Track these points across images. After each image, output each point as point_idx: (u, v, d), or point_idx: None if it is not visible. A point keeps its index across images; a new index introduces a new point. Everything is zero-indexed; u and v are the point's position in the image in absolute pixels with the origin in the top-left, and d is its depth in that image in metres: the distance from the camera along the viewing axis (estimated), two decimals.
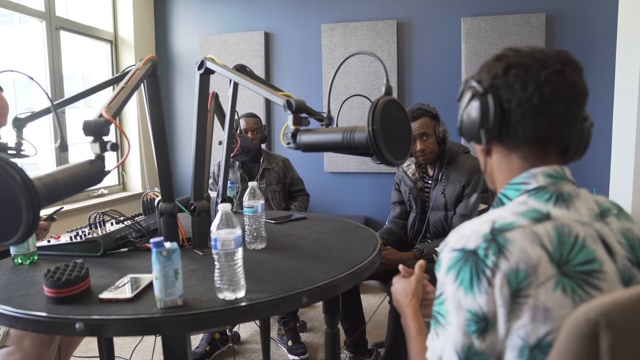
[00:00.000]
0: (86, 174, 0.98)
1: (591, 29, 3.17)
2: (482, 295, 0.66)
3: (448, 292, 0.71)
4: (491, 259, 0.66)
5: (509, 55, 0.77)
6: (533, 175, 0.76)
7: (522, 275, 0.65)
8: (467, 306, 0.68)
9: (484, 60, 0.83)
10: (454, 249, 0.71)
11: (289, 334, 2.41)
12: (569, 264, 0.67)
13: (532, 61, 0.74)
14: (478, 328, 0.67)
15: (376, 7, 3.49)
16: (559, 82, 0.73)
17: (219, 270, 0.96)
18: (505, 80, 0.75)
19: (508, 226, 0.69)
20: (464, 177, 1.92)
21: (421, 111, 1.98)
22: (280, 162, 2.67)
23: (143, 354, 2.37)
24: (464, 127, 0.82)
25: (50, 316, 0.92)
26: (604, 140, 3.19)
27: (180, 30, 3.91)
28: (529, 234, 0.68)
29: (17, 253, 1.30)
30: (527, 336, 0.65)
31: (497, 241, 0.67)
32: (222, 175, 1.49)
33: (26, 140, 1.41)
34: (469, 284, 0.67)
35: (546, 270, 0.65)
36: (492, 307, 0.66)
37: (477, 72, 0.81)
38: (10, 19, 3.27)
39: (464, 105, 0.81)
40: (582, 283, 0.66)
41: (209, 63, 1.34)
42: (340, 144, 1.04)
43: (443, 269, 0.72)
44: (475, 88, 0.78)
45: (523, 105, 0.73)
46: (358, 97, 3.44)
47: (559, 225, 0.69)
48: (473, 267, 0.67)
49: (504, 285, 0.65)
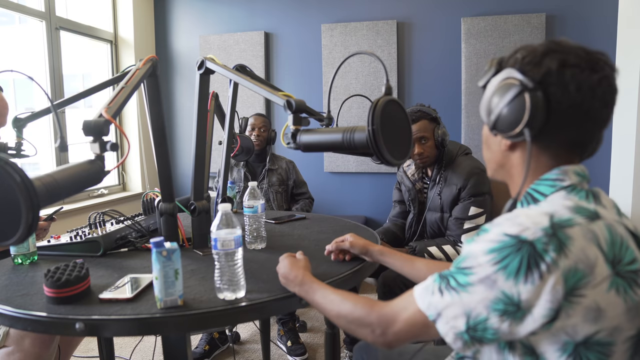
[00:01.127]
0: (86, 174, 0.98)
1: (591, 29, 3.17)
2: (526, 286, 0.64)
3: (480, 269, 0.68)
4: (551, 255, 0.64)
5: (557, 50, 0.72)
6: (565, 173, 0.75)
7: (579, 275, 0.64)
8: (503, 288, 0.66)
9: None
10: (506, 234, 0.67)
11: (288, 334, 2.41)
12: (620, 264, 0.67)
13: (583, 62, 0.71)
14: (505, 309, 0.66)
15: (376, 7, 3.49)
16: (607, 88, 0.71)
17: (219, 270, 0.96)
18: (560, 79, 0.71)
19: (567, 222, 0.67)
20: (460, 180, 1.91)
21: (420, 114, 1.96)
22: (284, 164, 2.68)
23: (143, 354, 2.37)
24: (502, 121, 0.75)
25: (50, 316, 0.92)
26: (604, 140, 3.18)
27: (180, 30, 3.91)
28: (587, 232, 0.66)
29: (17, 253, 1.30)
30: (575, 333, 0.65)
31: (558, 237, 0.65)
32: (222, 175, 1.49)
33: (26, 140, 1.41)
34: (514, 271, 0.65)
35: (602, 271, 0.65)
36: (532, 300, 0.65)
37: (518, 61, 0.75)
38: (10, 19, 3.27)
39: (507, 98, 0.74)
40: (632, 283, 0.67)
41: (209, 63, 1.34)
42: (340, 144, 1.04)
43: (483, 248, 0.69)
44: (524, 82, 0.72)
45: (573, 108, 0.71)
46: (358, 97, 3.44)
47: (609, 225, 0.69)
48: (525, 258, 0.65)
49: (559, 283, 0.64)
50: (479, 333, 0.68)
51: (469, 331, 0.68)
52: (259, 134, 2.57)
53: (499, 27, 3.25)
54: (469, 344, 0.70)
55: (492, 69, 0.80)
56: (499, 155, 0.82)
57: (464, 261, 0.71)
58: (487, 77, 0.80)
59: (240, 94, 3.52)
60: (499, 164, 0.83)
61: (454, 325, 0.69)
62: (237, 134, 2.10)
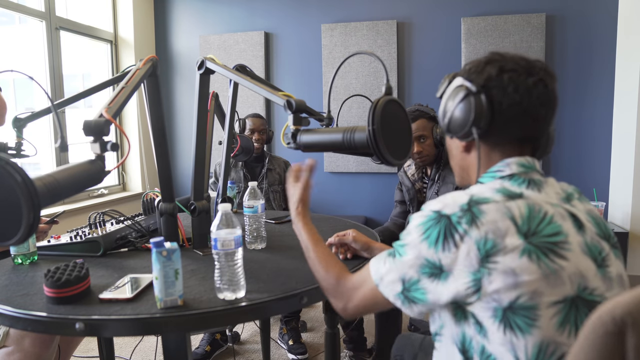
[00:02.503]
0: (86, 174, 0.98)
1: (591, 28, 3.17)
2: (444, 252, 0.75)
3: (411, 240, 0.80)
4: (463, 226, 0.74)
5: (498, 60, 0.83)
6: (507, 164, 0.84)
7: (490, 244, 0.73)
8: (426, 256, 0.77)
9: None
10: (431, 210, 0.79)
11: (290, 333, 2.41)
12: (536, 236, 0.73)
13: (520, 68, 0.81)
14: (431, 272, 0.77)
15: (376, 7, 3.49)
16: (542, 89, 0.81)
17: (219, 270, 0.96)
18: (499, 83, 0.81)
19: (484, 200, 0.76)
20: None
21: (419, 113, 1.97)
22: (282, 164, 2.70)
23: (143, 354, 2.37)
24: (454, 123, 0.86)
25: (50, 316, 0.92)
26: (604, 140, 3.19)
27: (180, 30, 3.91)
28: (501, 207, 0.75)
29: (17, 253, 1.30)
30: (499, 299, 0.72)
31: (472, 211, 0.75)
32: (222, 175, 1.49)
33: (26, 140, 1.41)
34: (434, 241, 0.76)
35: (513, 241, 0.72)
36: (451, 264, 0.75)
37: (465, 71, 0.86)
38: (10, 19, 3.27)
39: (455, 102, 0.85)
40: (548, 252, 0.73)
41: (209, 63, 1.34)
42: (341, 144, 1.04)
43: (414, 222, 0.80)
44: (469, 87, 0.82)
45: (514, 107, 0.80)
46: (358, 97, 3.44)
47: (530, 203, 0.77)
48: (442, 229, 0.76)
49: (472, 251, 0.73)
50: (412, 293, 0.80)
51: (404, 292, 0.80)
52: (259, 138, 2.55)
53: (499, 27, 3.25)
54: (406, 303, 0.81)
55: (447, 80, 0.92)
56: (459, 158, 0.93)
57: (403, 235, 0.83)
58: (442, 88, 0.93)
59: (240, 94, 3.52)
60: (462, 168, 0.93)
61: (393, 288, 0.82)
62: (237, 134, 2.10)
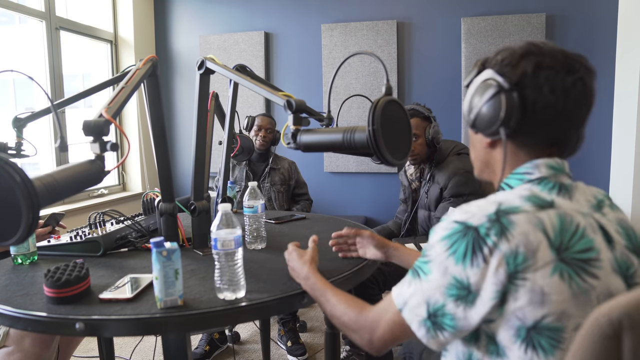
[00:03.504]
0: (86, 174, 0.98)
1: (591, 28, 3.17)
2: (472, 269, 0.68)
3: (435, 256, 0.73)
4: (492, 238, 0.68)
5: (535, 53, 0.75)
6: (536, 166, 0.77)
7: (520, 258, 0.67)
8: (454, 273, 0.70)
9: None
10: (455, 221, 0.72)
11: (288, 334, 2.41)
12: (568, 251, 0.68)
13: (559, 64, 0.74)
14: (458, 294, 0.70)
15: (376, 7, 3.49)
16: (581, 89, 0.74)
17: (219, 270, 0.96)
18: (535, 81, 0.74)
19: (513, 209, 0.70)
20: (443, 179, 1.95)
21: (413, 111, 2.01)
22: (286, 164, 2.71)
23: (143, 354, 2.37)
24: (480, 119, 0.79)
25: (50, 316, 0.92)
26: (604, 140, 3.19)
27: (180, 30, 3.90)
28: (532, 218, 0.69)
29: (17, 253, 1.30)
30: (524, 317, 0.68)
31: (501, 222, 0.68)
32: (222, 175, 1.49)
33: (26, 140, 1.41)
34: (462, 256, 0.69)
35: (545, 255, 0.67)
36: (479, 282, 0.68)
37: (497, 63, 0.78)
38: (10, 19, 3.27)
39: (484, 98, 0.77)
40: (579, 270, 0.68)
41: (209, 63, 1.34)
42: (341, 144, 1.04)
43: (437, 236, 0.74)
44: (501, 83, 0.75)
45: (548, 109, 0.74)
46: (358, 97, 3.44)
47: (562, 214, 0.71)
48: (470, 242, 0.69)
49: (501, 266, 0.67)
50: (439, 319, 0.72)
51: (431, 317, 0.72)
52: (265, 135, 2.59)
53: (499, 27, 3.25)
54: (432, 331, 0.73)
55: (475, 69, 0.83)
56: (482, 152, 0.86)
57: (425, 252, 0.76)
58: (470, 77, 0.84)
59: (240, 94, 3.52)
60: (484, 162, 0.86)
61: (417, 313, 0.74)
62: (237, 133, 2.10)
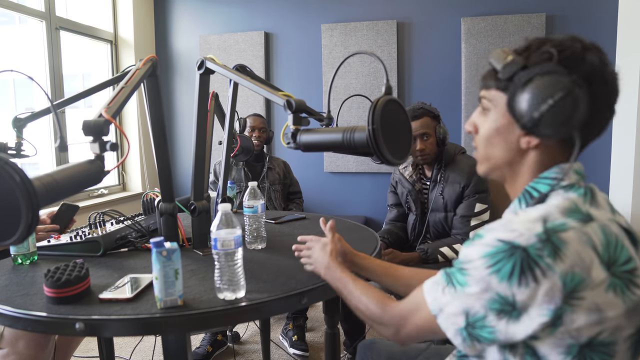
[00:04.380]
0: (86, 174, 0.98)
1: (591, 28, 3.17)
2: (520, 288, 0.65)
3: (475, 271, 0.69)
4: (546, 260, 0.64)
5: (593, 48, 0.70)
6: (564, 172, 0.73)
7: (577, 279, 0.64)
8: (498, 290, 0.66)
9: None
10: (499, 240, 0.67)
11: (295, 329, 2.42)
12: (615, 265, 0.67)
13: (610, 61, 0.70)
14: (501, 309, 0.67)
15: (376, 7, 3.49)
16: (617, 89, 0.72)
17: (219, 270, 0.96)
18: (603, 77, 0.69)
19: (561, 227, 0.66)
20: (463, 178, 1.93)
21: (423, 110, 1.98)
22: (281, 164, 2.77)
23: (143, 354, 2.37)
24: (549, 119, 0.68)
25: (50, 316, 0.92)
26: (604, 140, 3.19)
27: (180, 30, 3.90)
28: (581, 236, 0.66)
29: (17, 253, 1.30)
30: (579, 336, 0.65)
31: (552, 242, 0.65)
32: (222, 175, 1.49)
33: (26, 140, 1.41)
34: (507, 275, 0.65)
35: (599, 273, 0.65)
36: (527, 301, 0.65)
37: (554, 55, 0.69)
38: (10, 19, 3.27)
39: (557, 95, 0.67)
40: (628, 283, 0.67)
41: (209, 63, 1.34)
42: (340, 144, 1.04)
43: (478, 252, 0.69)
44: (574, 79, 0.67)
45: (605, 111, 0.71)
46: (358, 97, 3.44)
47: (602, 226, 0.69)
48: (518, 262, 0.65)
49: (557, 287, 0.64)
50: (477, 330, 0.69)
51: (468, 328, 0.70)
52: (259, 135, 2.60)
53: (499, 27, 3.25)
54: (468, 341, 0.71)
55: (516, 61, 0.71)
56: (511, 153, 0.78)
57: (461, 262, 0.72)
58: (511, 69, 0.71)
59: (240, 94, 3.52)
60: (507, 162, 0.79)
61: (455, 322, 0.71)
62: (237, 133, 2.10)
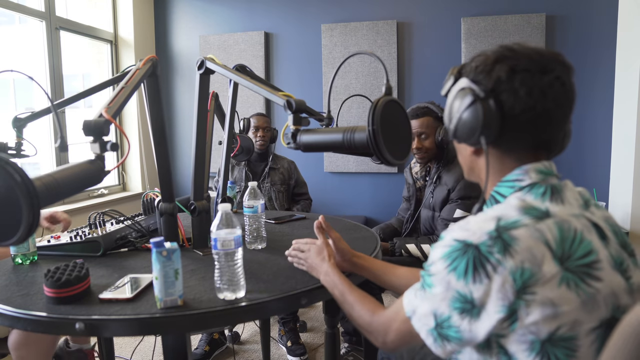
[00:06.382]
0: (86, 174, 0.98)
1: (591, 28, 3.17)
2: (475, 285, 0.68)
3: (437, 272, 0.73)
4: (496, 256, 0.67)
5: (509, 57, 0.75)
6: (525, 172, 0.77)
7: (527, 274, 0.66)
8: (457, 288, 0.70)
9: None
10: (455, 239, 0.71)
11: (288, 334, 2.41)
12: (570, 259, 0.68)
13: (534, 66, 0.73)
14: (462, 307, 0.70)
15: (376, 7, 3.49)
16: (559, 88, 0.73)
17: (219, 270, 0.96)
18: (510, 86, 0.73)
19: (513, 224, 0.69)
20: (451, 181, 1.94)
21: (426, 110, 2.00)
22: (286, 164, 2.70)
23: (143, 354, 2.37)
24: (461, 130, 0.78)
25: (50, 316, 0.92)
26: (604, 140, 3.19)
27: (180, 30, 3.91)
28: (533, 232, 0.68)
29: (17, 253, 1.30)
30: (538, 331, 0.67)
31: (503, 239, 0.68)
32: (222, 175, 1.49)
33: (26, 140, 1.41)
34: (463, 273, 0.69)
35: (550, 268, 0.67)
36: (483, 297, 0.68)
37: (472, 70, 0.78)
38: (10, 19, 3.27)
39: (461, 108, 0.76)
40: (584, 276, 0.68)
41: (209, 63, 1.34)
42: (341, 144, 1.04)
43: (438, 253, 0.73)
44: (476, 92, 0.74)
45: (527, 113, 0.73)
46: (358, 97, 3.44)
47: (559, 222, 0.70)
48: (471, 259, 0.68)
49: (507, 282, 0.66)
50: (445, 330, 0.72)
51: (437, 328, 0.73)
52: (263, 135, 2.58)
53: (499, 27, 3.25)
54: (438, 341, 0.74)
55: (452, 77, 0.82)
56: (467, 159, 0.86)
57: (428, 265, 0.76)
58: (447, 86, 0.82)
59: (240, 94, 3.52)
60: (469, 167, 0.87)
61: (426, 323, 0.75)
62: (237, 133, 2.10)
